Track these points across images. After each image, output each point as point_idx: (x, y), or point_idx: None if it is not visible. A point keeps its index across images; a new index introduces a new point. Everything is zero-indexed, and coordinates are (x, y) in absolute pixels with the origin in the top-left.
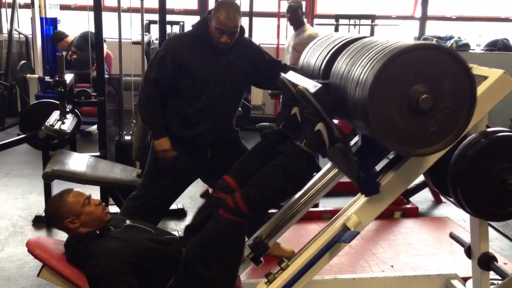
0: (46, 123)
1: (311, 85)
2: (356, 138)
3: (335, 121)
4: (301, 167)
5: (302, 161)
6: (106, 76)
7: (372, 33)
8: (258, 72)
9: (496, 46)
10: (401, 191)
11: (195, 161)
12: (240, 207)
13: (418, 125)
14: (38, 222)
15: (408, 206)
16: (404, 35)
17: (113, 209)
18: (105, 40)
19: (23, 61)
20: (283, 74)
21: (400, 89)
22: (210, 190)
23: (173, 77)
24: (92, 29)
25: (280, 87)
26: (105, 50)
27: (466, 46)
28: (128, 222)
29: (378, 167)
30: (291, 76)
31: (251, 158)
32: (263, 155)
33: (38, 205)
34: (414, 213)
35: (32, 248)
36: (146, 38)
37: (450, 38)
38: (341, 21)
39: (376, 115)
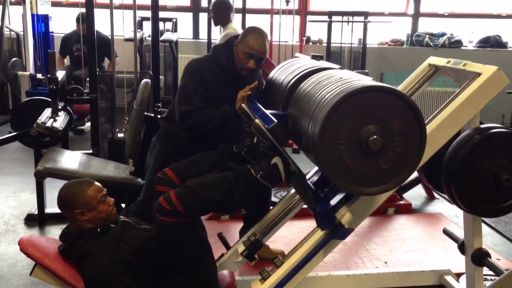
0: (37, 121)
1: (268, 119)
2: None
3: None
4: (246, 193)
5: (247, 188)
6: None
7: (365, 30)
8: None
9: (489, 42)
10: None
11: None
12: (177, 207)
13: (369, 165)
14: (30, 221)
15: (402, 202)
16: (396, 32)
17: None
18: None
19: (15, 58)
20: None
21: (350, 130)
22: None
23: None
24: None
25: (242, 116)
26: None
27: (458, 43)
28: (122, 218)
29: None
30: (253, 105)
31: (200, 161)
32: (212, 163)
33: (30, 204)
34: (407, 210)
35: (25, 247)
36: (138, 35)
37: (443, 34)
38: (334, 17)
39: (326, 154)
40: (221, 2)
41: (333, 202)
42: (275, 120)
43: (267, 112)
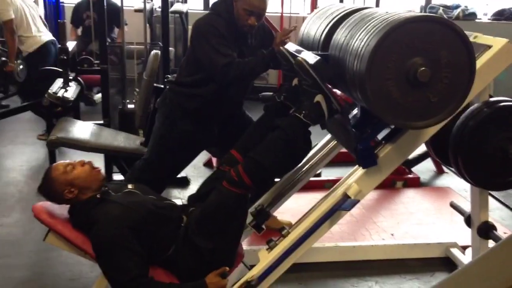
0: (49, 91)
1: (310, 57)
2: (355, 110)
3: (337, 92)
4: (297, 141)
5: (299, 136)
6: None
7: (377, 3)
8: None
9: (503, 15)
10: (399, 163)
11: (204, 136)
12: (244, 180)
13: (418, 98)
14: None
15: (410, 176)
16: (410, 3)
17: (117, 176)
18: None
19: None
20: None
21: (397, 63)
22: (214, 160)
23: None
24: None
25: (280, 58)
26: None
27: (473, 15)
28: (130, 186)
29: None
30: (292, 47)
31: (255, 131)
32: (266, 128)
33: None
34: (415, 183)
35: (38, 213)
36: (148, 6)
37: (457, 7)
38: None
39: (374, 90)
40: None
41: None
42: (318, 57)
43: (308, 52)
